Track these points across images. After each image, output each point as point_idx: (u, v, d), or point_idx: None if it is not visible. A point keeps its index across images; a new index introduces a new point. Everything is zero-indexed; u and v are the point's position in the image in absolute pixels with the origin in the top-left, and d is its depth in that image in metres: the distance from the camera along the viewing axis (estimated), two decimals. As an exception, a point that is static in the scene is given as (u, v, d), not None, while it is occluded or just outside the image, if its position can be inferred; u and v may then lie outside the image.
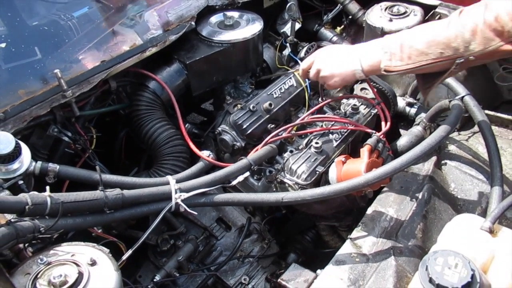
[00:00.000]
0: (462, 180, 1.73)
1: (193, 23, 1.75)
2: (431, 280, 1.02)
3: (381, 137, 1.55)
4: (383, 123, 1.63)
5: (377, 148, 1.52)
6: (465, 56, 1.24)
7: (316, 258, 1.76)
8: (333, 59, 1.49)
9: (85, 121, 1.54)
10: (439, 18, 1.98)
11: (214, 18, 1.87)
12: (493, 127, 1.85)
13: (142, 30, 1.60)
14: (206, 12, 1.85)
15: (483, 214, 1.50)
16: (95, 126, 1.60)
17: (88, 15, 1.80)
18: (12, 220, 0.96)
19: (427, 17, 2.03)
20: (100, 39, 1.62)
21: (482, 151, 1.86)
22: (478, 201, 1.64)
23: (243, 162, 1.45)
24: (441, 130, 1.42)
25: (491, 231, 1.18)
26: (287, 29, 2.07)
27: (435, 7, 2.04)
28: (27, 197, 1.02)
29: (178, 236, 1.64)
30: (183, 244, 1.61)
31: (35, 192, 1.06)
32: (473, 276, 1.00)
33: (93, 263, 0.96)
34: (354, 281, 1.34)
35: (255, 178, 1.64)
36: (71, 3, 1.81)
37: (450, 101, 1.59)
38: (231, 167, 1.42)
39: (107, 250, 1.02)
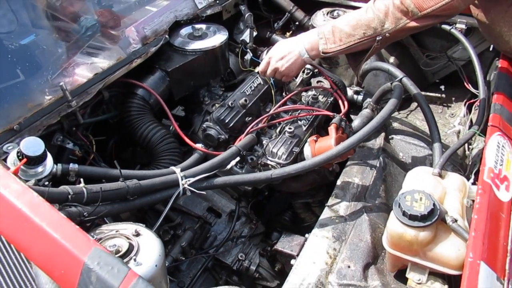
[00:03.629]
0: (408, 149, 2.07)
1: (167, 36, 1.94)
2: (404, 213, 1.29)
3: (342, 116, 1.84)
4: (341, 105, 1.93)
5: (341, 126, 1.80)
6: (382, 34, 1.60)
7: (297, 233, 2.00)
8: (281, 49, 1.81)
9: (83, 129, 1.67)
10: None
11: (184, 31, 2.07)
12: (425, 105, 2.23)
13: (124, 45, 1.77)
14: (175, 26, 2.06)
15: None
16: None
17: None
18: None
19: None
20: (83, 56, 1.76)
21: (419, 124, 2.24)
22: (423, 163, 1.97)
23: (233, 149, 1.67)
24: (390, 104, 1.74)
25: (440, 175, 1.49)
26: (245, 36, 2.32)
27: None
28: (68, 188, 1.16)
29: (176, 227, 1.79)
30: (183, 233, 1.76)
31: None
32: (434, 205, 1.28)
33: (138, 234, 1.12)
34: (338, 237, 1.59)
35: (238, 166, 1.85)
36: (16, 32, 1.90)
37: (391, 83, 1.92)
38: (223, 154, 1.63)
39: (143, 225, 1.18)
